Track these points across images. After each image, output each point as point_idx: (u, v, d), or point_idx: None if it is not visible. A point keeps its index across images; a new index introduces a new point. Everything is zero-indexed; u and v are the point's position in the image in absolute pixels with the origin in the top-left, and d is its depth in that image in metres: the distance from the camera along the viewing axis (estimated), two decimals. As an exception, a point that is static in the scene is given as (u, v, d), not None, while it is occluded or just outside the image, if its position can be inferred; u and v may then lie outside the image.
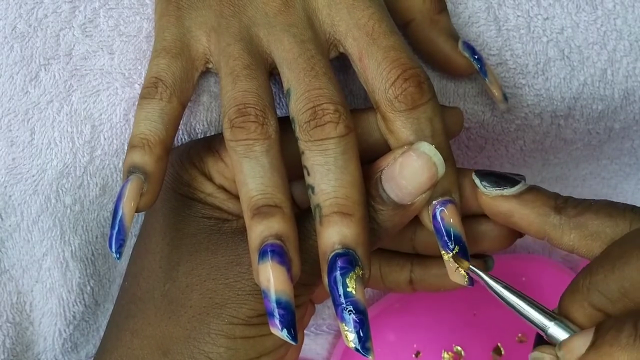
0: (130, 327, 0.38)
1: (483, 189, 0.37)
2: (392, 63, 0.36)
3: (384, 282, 0.43)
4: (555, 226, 0.36)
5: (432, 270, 0.42)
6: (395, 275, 0.42)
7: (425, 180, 0.35)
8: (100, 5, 0.42)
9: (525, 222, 0.37)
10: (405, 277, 0.42)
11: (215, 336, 0.36)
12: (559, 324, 0.34)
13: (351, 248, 0.34)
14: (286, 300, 0.34)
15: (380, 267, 0.43)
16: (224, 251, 0.37)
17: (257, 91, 0.36)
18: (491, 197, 0.37)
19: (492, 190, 0.37)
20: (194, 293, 0.37)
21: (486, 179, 0.37)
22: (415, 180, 0.35)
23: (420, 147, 0.35)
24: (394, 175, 0.35)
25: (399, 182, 0.35)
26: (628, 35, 0.44)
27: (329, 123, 0.35)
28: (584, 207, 0.36)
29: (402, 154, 0.35)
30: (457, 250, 0.36)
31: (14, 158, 0.41)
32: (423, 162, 0.35)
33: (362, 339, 0.34)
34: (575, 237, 0.36)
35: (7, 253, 0.44)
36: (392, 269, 0.42)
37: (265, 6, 0.38)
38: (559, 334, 0.34)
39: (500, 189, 0.37)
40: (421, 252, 0.41)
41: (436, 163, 0.35)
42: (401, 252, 0.42)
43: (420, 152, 0.35)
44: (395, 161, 0.35)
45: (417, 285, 0.42)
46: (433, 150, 0.35)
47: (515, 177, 0.37)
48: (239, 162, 0.36)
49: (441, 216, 0.36)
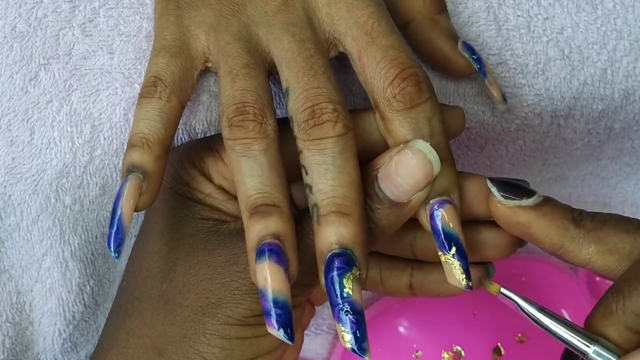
0: (127, 326, 0.38)
1: (500, 198, 0.36)
2: (390, 62, 0.36)
3: (384, 287, 0.43)
4: (573, 239, 0.36)
5: (432, 276, 0.41)
6: (395, 279, 0.42)
7: (421, 177, 0.35)
8: (100, 4, 0.42)
9: (543, 234, 0.36)
10: (405, 282, 0.42)
11: (210, 336, 0.36)
12: (601, 347, 0.33)
13: (348, 248, 0.34)
14: (283, 299, 0.34)
15: (381, 271, 0.42)
16: (221, 251, 0.37)
17: (255, 90, 0.36)
18: (508, 207, 0.36)
19: (509, 200, 0.36)
20: (191, 293, 0.37)
21: (503, 188, 0.36)
22: (411, 178, 0.35)
23: (415, 144, 0.35)
24: (390, 173, 0.35)
25: (395, 180, 0.35)
26: (628, 35, 0.44)
27: (327, 122, 0.35)
28: (600, 221, 0.36)
29: (398, 152, 0.35)
30: (454, 252, 0.35)
31: (13, 158, 0.41)
32: (418, 159, 0.35)
33: (358, 340, 0.33)
34: (593, 250, 0.35)
35: (7, 253, 0.44)
36: (392, 273, 0.42)
37: (265, 5, 0.38)
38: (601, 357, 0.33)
39: (518, 199, 0.36)
40: (421, 258, 0.41)
41: (431, 160, 0.35)
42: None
43: (416, 150, 0.35)
44: (391, 159, 0.35)
45: (416, 290, 0.42)
46: (428, 148, 0.35)
47: (529, 187, 0.37)
48: (237, 161, 0.36)
49: (438, 217, 0.36)
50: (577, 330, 0.34)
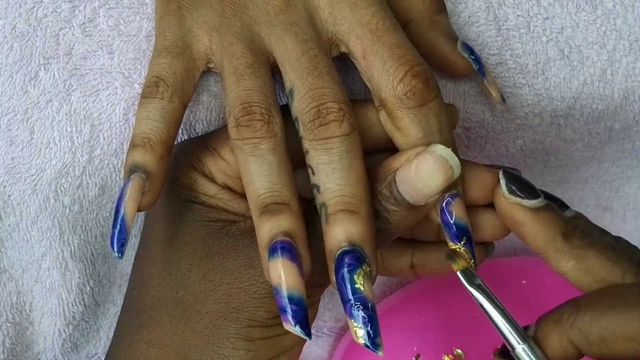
0: (145, 337, 0.38)
1: (505, 191, 0.37)
2: (398, 60, 0.36)
3: (385, 267, 0.43)
4: (557, 250, 0.37)
5: (432, 255, 0.42)
6: (396, 260, 0.43)
7: (442, 183, 0.35)
8: (100, 4, 0.42)
9: (532, 237, 0.37)
10: (407, 262, 0.42)
11: (234, 340, 0.36)
12: (529, 348, 0.35)
13: (358, 245, 0.34)
14: (298, 296, 0.34)
15: (382, 252, 0.43)
16: (235, 254, 0.37)
17: (261, 89, 0.36)
18: (510, 201, 0.37)
19: (513, 196, 0.37)
20: (209, 299, 0.37)
21: (513, 183, 0.37)
22: (432, 183, 0.35)
23: (436, 150, 0.35)
24: (409, 177, 0.36)
25: (415, 185, 0.35)
26: (628, 35, 0.44)
27: (333, 122, 0.35)
28: (589, 242, 0.37)
29: (417, 155, 0.36)
30: (465, 242, 0.37)
31: (13, 157, 0.41)
32: (440, 164, 0.35)
33: (371, 335, 0.34)
34: (571, 266, 0.37)
35: (7, 253, 0.44)
36: (393, 253, 0.43)
37: (267, 5, 0.38)
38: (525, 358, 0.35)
39: (521, 197, 0.37)
40: (419, 238, 0.42)
41: (453, 166, 0.35)
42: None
43: (437, 156, 0.35)
44: (410, 163, 0.36)
45: (418, 269, 0.43)
46: (450, 154, 0.35)
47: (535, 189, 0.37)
48: (245, 160, 0.36)
49: (449, 210, 0.37)
50: (515, 326, 0.36)
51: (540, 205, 0.37)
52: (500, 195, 0.37)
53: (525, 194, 0.37)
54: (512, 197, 0.37)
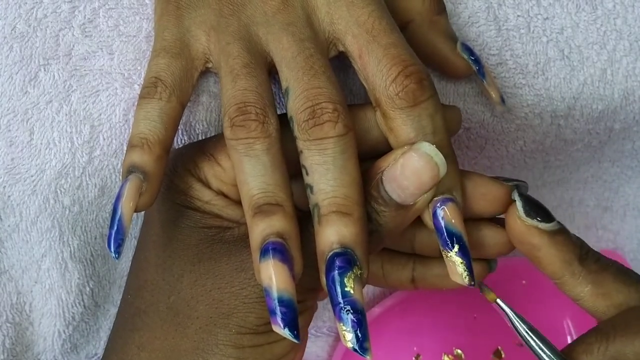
0: (137, 341, 0.38)
1: (522, 214, 0.36)
2: (392, 60, 0.36)
3: (387, 281, 0.43)
4: (574, 275, 0.36)
5: (434, 270, 0.41)
6: (397, 273, 0.42)
7: (428, 180, 0.35)
8: (100, 5, 0.42)
9: (548, 261, 0.36)
10: (408, 276, 0.42)
11: (223, 347, 0.36)
12: None
13: (349, 247, 0.34)
14: (288, 298, 0.33)
15: (383, 265, 0.42)
16: (227, 259, 0.37)
17: (257, 89, 0.36)
18: (526, 224, 0.36)
19: (530, 219, 0.36)
20: (200, 304, 0.37)
21: (529, 204, 0.36)
22: (417, 181, 0.35)
23: (421, 147, 0.35)
24: (396, 176, 0.35)
25: (401, 183, 0.35)
26: (628, 35, 0.44)
27: (327, 122, 0.35)
28: (603, 266, 0.36)
29: (403, 154, 0.35)
30: (457, 250, 0.35)
31: (12, 158, 0.41)
32: (425, 162, 0.35)
33: (359, 339, 0.33)
34: (588, 291, 0.36)
35: (7, 253, 0.44)
36: (395, 267, 0.42)
37: (264, 5, 0.38)
38: None
39: (538, 220, 0.36)
40: (421, 253, 0.41)
41: (438, 163, 0.35)
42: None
43: (422, 152, 0.35)
44: (396, 162, 0.35)
45: (419, 283, 0.42)
46: (434, 150, 0.35)
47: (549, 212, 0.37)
48: (239, 161, 0.36)
49: (441, 215, 0.36)
50: (559, 356, 0.35)
51: (556, 228, 0.36)
52: (516, 217, 0.36)
53: (541, 216, 0.36)
54: (529, 220, 0.36)
